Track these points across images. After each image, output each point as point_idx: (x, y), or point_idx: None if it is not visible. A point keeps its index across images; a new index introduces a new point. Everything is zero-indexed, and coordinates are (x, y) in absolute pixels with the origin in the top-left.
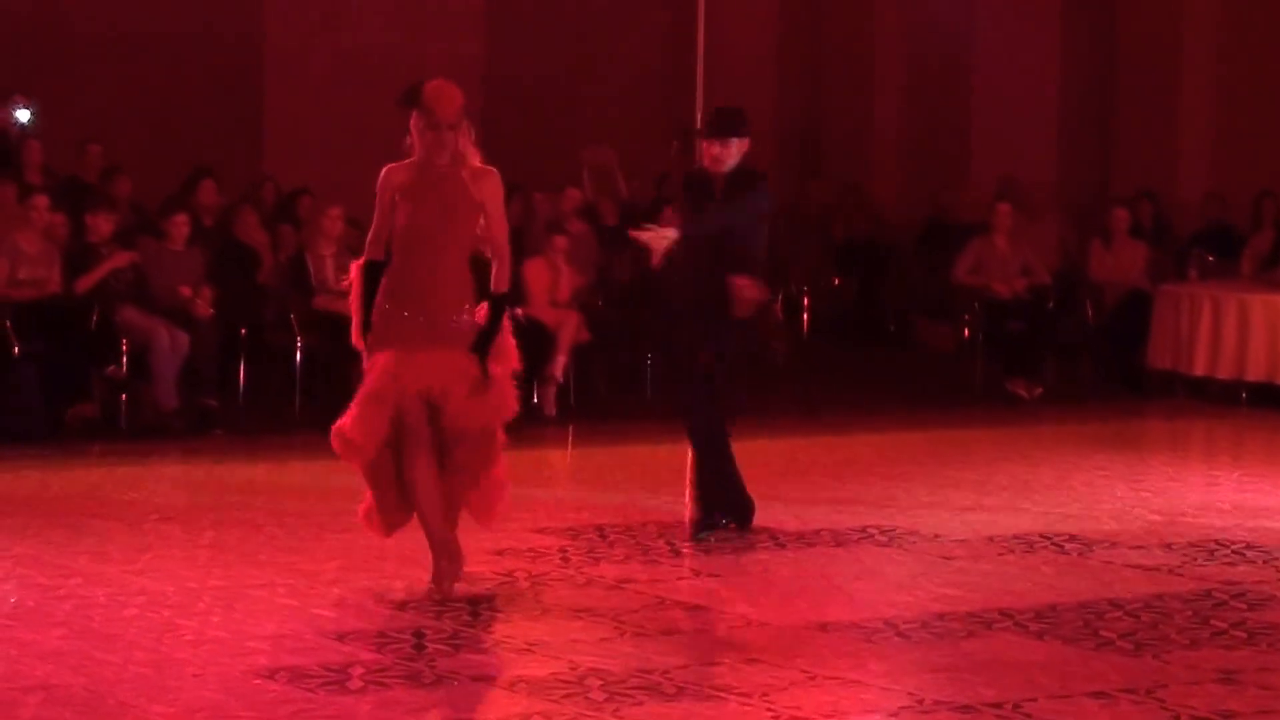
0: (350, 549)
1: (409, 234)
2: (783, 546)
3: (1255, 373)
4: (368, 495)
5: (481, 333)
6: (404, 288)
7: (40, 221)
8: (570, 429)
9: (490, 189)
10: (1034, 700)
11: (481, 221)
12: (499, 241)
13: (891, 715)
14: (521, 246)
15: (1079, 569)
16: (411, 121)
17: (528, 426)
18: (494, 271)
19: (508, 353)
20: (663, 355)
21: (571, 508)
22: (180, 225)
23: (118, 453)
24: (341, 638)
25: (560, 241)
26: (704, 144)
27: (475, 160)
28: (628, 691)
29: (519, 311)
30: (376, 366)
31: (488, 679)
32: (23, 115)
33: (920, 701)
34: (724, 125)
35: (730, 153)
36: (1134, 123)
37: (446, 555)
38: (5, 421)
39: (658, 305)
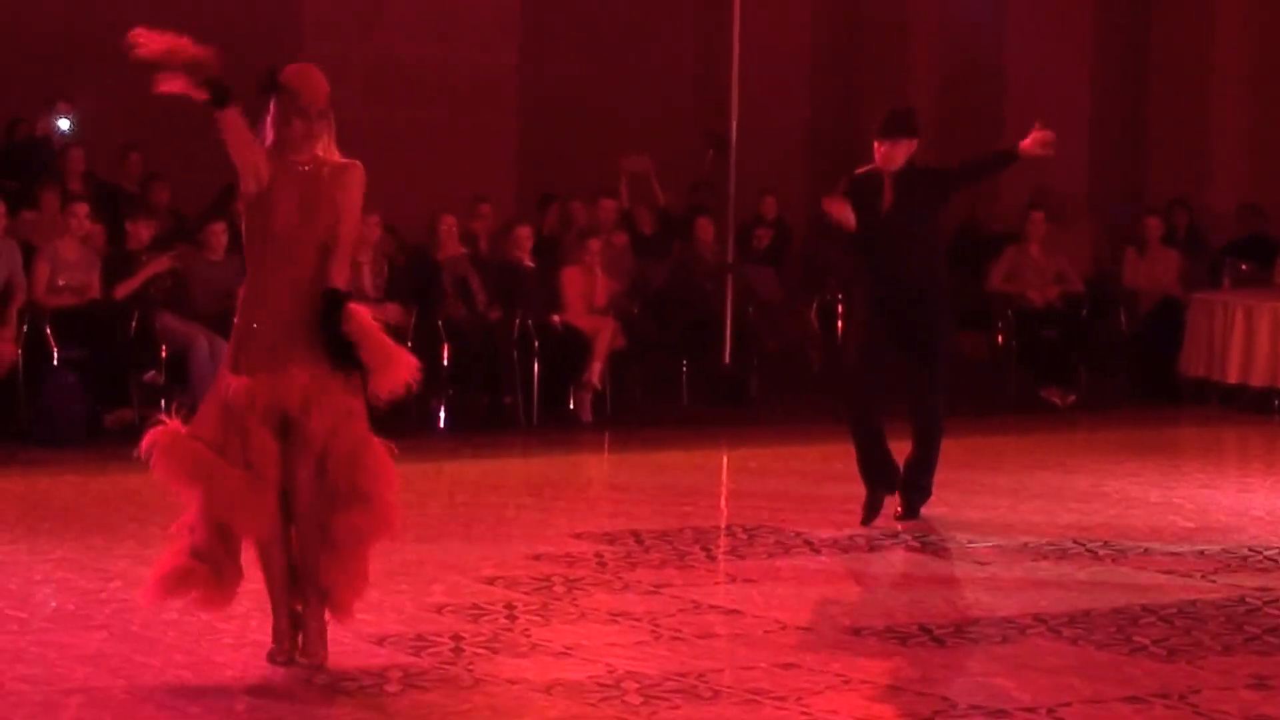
0: (388, 553)
1: (264, 239)
2: (817, 552)
3: None
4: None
5: (322, 325)
6: (259, 299)
7: (80, 229)
8: (606, 435)
9: (350, 181)
10: (1068, 705)
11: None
12: (343, 238)
13: None
14: (557, 254)
15: (1112, 575)
16: (271, 111)
17: (564, 432)
18: (331, 266)
19: (388, 354)
20: (849, 350)
21: (608, 513)
22: (218, 234)
23: None
24: (380, 641)
25: (594, 245)
26: (875, 143)
27: (335, 156)
28: (664, 695)
29: (555, 318)
30: (222, 389)
31: (525, 682)
32: (64, 124)
33: (954, 706)
34: (894, 125)
35: (900, 152)
36: (1167, 131)
37: (289, 618)
38: (45, 426)
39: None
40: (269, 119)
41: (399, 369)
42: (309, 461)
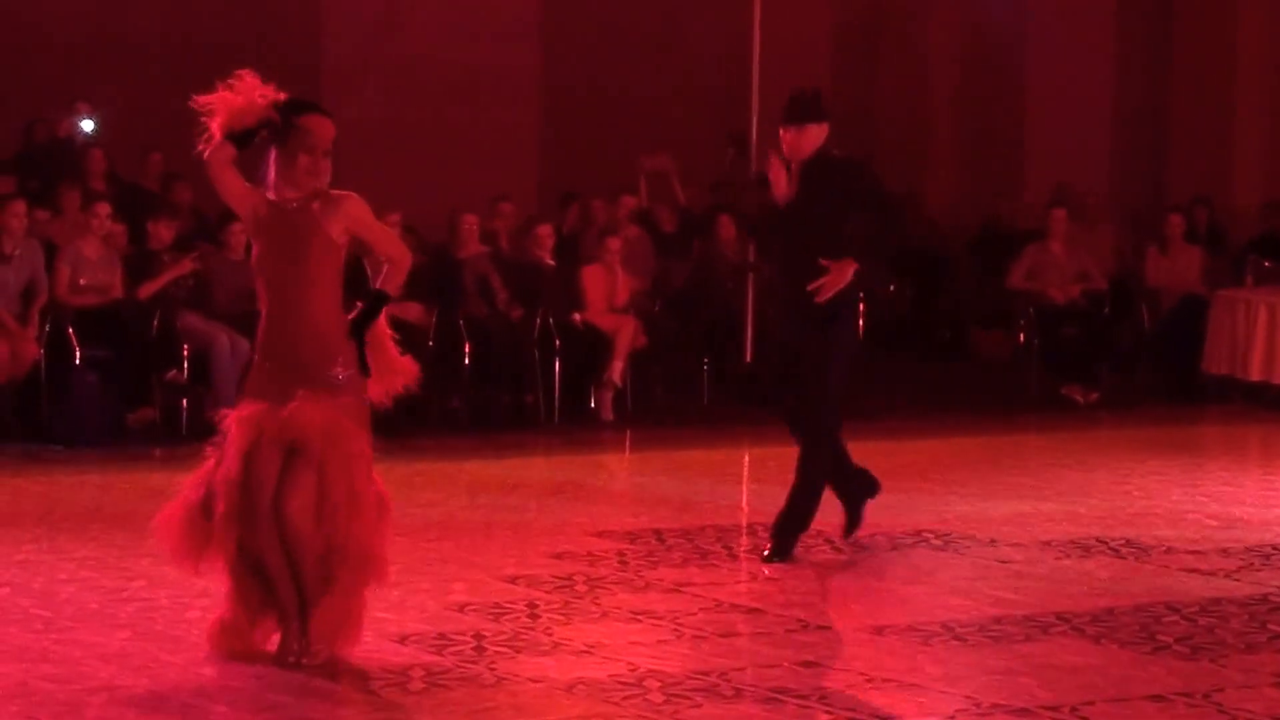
0: (410, 552)
1: (264, 278)
2: (839, 551)
3: None
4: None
5: (353, 321)
6: (266, 335)
7: (102, 228)
8: (627, 433)
9: (353, 213)
10: (1091, 704)
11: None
12: (392, 254)
13: (948, 718)
14: (578, 252)
15: (1135, 573)
16: (279, 151)
17: (585, 431)
18: (385, 272)
19: (389, 362)
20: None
21: (629, 512)
22: (238, 234)
23: (179, 457)
24: (402, 640)
25: (614, 243)
26: (780, 130)
27: (325, 189)
28: (686, 693)
29: (576, 317)
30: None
31: (547, 681)
32: (87, 125)
33: (977, 705)
34: (800, 110)
35: (807, 139)
36: (1189, 128)
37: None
38: (68, 426)
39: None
40: (272, 161)
41: (396, 377)
42: (309, 491)
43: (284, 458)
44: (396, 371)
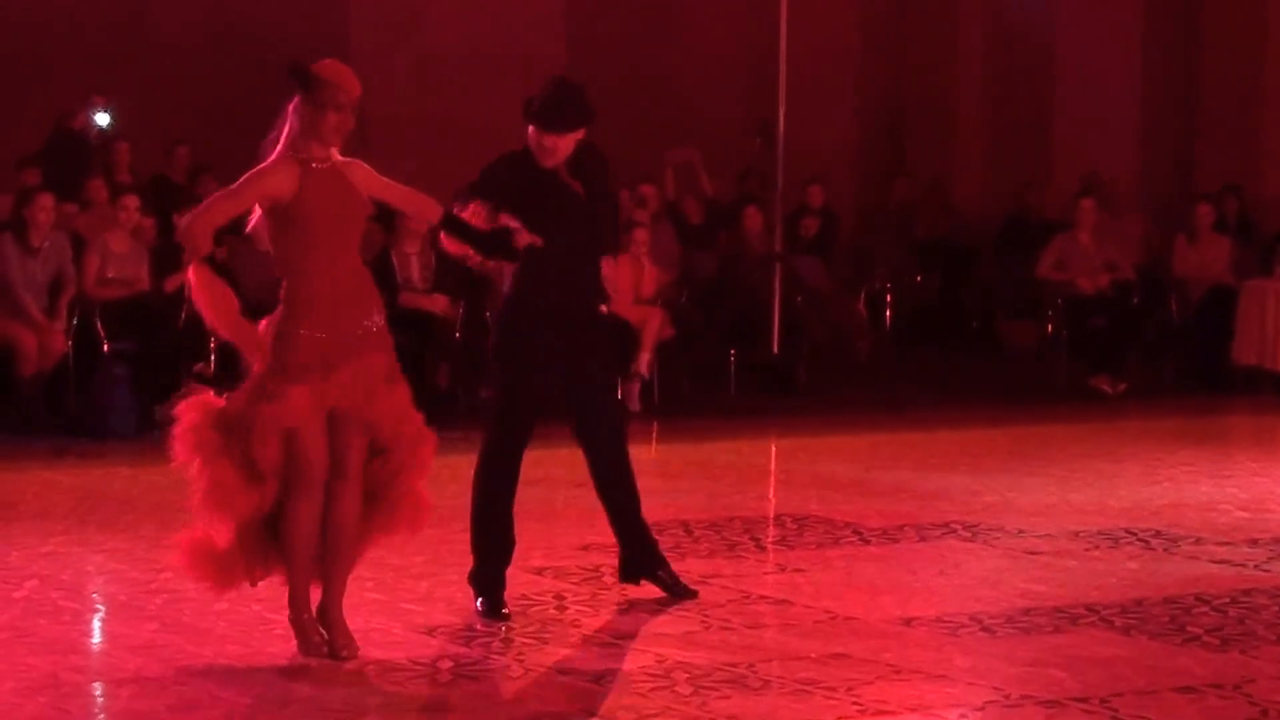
0: (438, 544)
1: (305, 245)
2: (867, 542)
3: None
4: (220, 531)
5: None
6: (307, 304)
7: (129, 221)
8: (654, 425)
9: (367, 174)
10: (1120, 695)
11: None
12: (421, 206)
13: (977, 710)
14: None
15: (1165, 564)
16: (296, 104)
17: None
18: (420, 205)
19: None
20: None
21: (657, 503)
22: (262, 229)
23: None
24: (430, 632)
25: (640, 234)
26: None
27: (337, 156)
28: (714, 685)
29: (603, 308)
30: (282, 399)
31: (575, 672)
32: (102, 118)
33: (1006, 697)
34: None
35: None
36: (1218, 118)
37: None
38: (96, 418)
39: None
40: (292, 111)
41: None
42: (362, 447)
43: (333, 433)
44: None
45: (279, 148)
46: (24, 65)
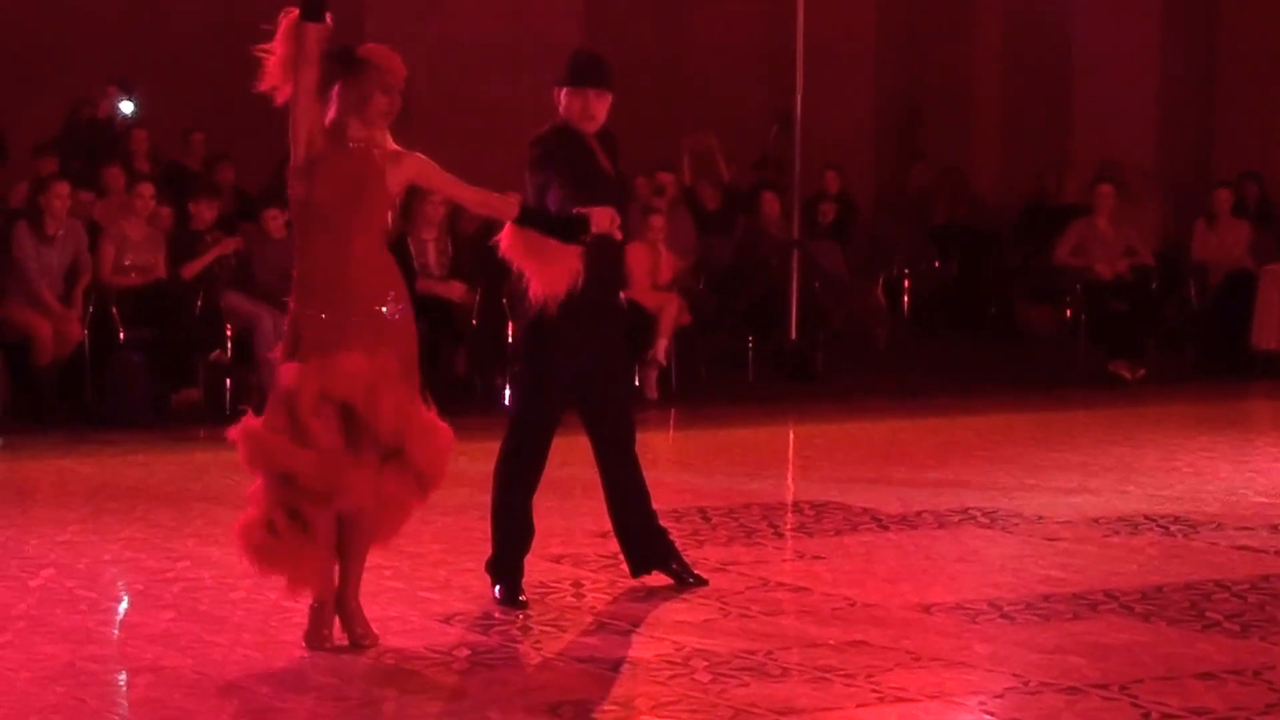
0: (455, 532)
1: (308, 217)
2: (886, 528)
3: None
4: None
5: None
6: (310, 284)
7: (146, 209)
8: (672, 412)
9: (417, 168)
10: (1140, 682)
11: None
12: (474, 195)
13: (996, 697)
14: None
15: (1184, 550)
16: (341, 86)
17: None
18: (500, 203)
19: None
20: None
21: (674, 490)
22: (274, 219)
23: (222, 437)
24: (447, 620)
25: (657, 221)
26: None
27: (390, 143)
28: (733, 672)
29: (621, 295)
30: (285, 377)
31: (593, 660)
32: (126, 106)
33: (1025, 683)
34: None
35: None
36: (1236, 102)
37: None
38: (112, 406)
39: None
40: (337, 94)
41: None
42: (373, 450)
43: (339, 415)
44: (561, 262)
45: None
46: (39, 53)
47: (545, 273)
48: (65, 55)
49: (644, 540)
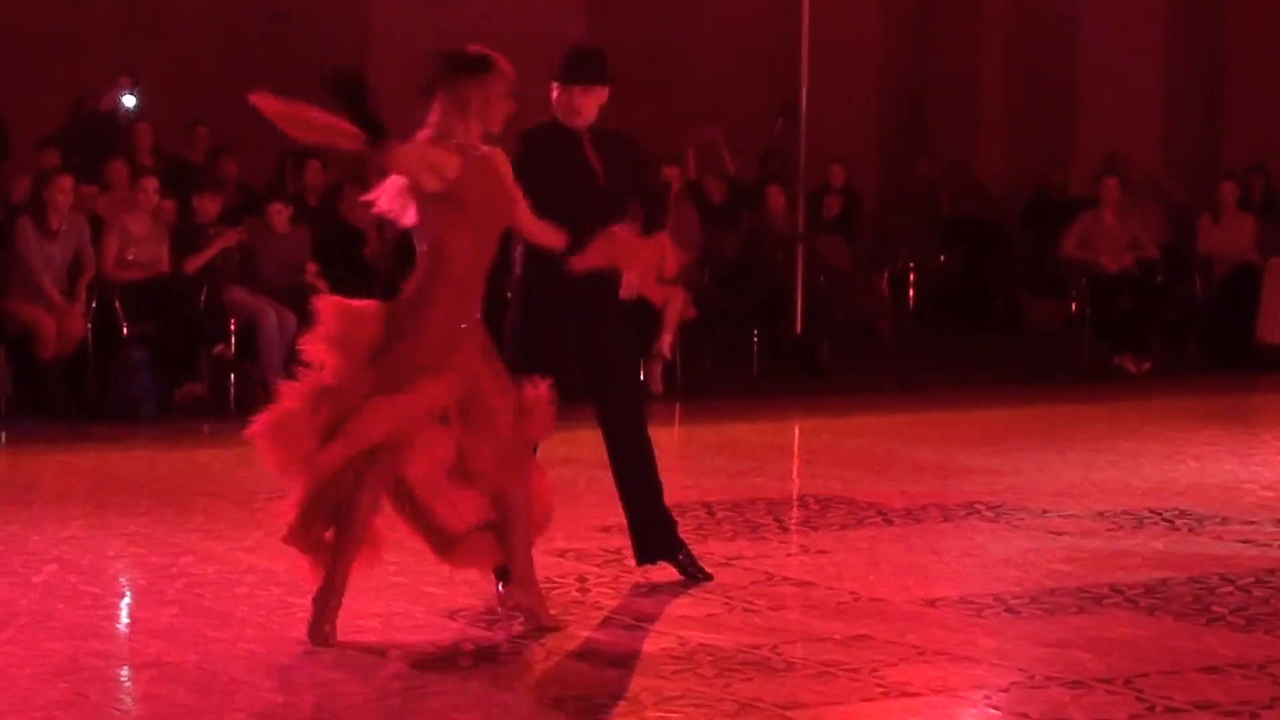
0: None
1: (466, 231)
2: (890, 523)
3: None
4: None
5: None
6: (468, 294)
7: (149, 203)
8: (677, 406)
9: (509, 168)
10: (1145, 675)
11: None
12: (533, 220)
13: (1001, 691)
14: None
15: (1189, 544)
16: (474, 91)
17: None
18: (548, 235)
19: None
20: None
21: (678, 485)
22: (278, 213)
23: (226, 432)
24: (451, 615)
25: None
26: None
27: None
28: (737, 667)
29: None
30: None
31: (597, 655)
32: (129, 99)
33: (1030, 677)
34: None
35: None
36: (1242, 95)
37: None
38: (115, 401)
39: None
40: (473, 99)
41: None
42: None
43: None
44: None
45: (426, 131)
46: (42, 46)
47: (636, 265)
48: (68, 49)
49: (654, 531)
